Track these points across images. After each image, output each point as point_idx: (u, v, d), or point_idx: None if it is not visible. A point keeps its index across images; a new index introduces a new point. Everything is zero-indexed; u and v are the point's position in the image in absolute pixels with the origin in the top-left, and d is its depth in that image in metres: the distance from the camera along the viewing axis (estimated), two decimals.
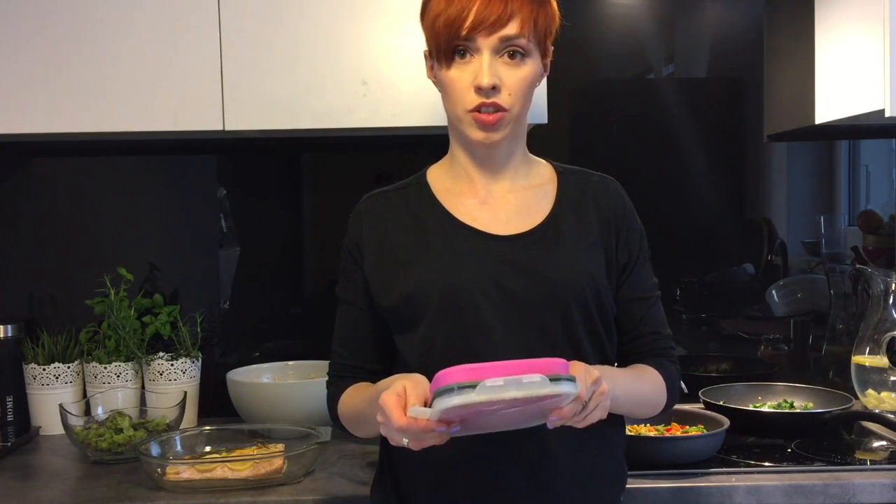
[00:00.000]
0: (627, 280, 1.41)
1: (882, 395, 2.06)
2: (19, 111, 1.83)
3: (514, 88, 1.30)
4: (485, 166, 1.39)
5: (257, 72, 1.84)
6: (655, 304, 1.44)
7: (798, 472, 1.71)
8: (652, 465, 1.70)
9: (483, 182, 1.40)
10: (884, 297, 2.10)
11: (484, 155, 1.38)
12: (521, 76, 1.31)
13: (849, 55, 1.99)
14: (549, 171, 1.44)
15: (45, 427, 2.08)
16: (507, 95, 1.30)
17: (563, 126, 2.31)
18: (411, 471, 1.38)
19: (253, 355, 2.28)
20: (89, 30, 1.83)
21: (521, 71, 1.30)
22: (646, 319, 1.42)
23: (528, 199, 1.39)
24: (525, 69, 1.31)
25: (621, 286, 1.40)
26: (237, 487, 1.66)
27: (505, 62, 1.30)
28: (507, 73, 1.29)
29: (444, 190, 1.42)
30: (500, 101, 1.30)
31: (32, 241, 2.28)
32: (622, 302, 1.41)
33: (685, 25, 2.39)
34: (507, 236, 1.36)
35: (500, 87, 1.29)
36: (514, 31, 1.28)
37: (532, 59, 1.32)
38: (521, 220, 1.37)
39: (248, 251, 2.37)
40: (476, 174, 1.40)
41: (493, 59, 1.29)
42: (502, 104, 1.30)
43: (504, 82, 1.29)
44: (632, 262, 1.41)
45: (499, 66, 1.29)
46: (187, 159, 2.33)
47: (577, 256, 1.36)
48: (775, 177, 2.43)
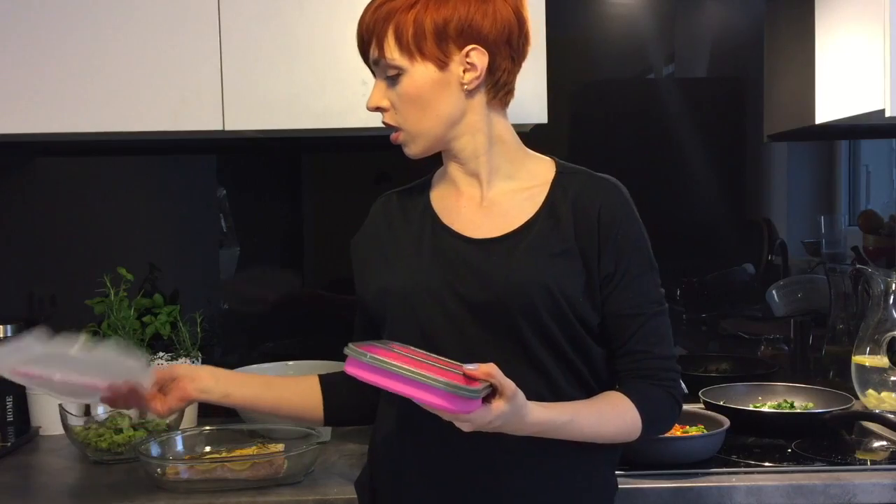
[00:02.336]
0: (615, 293, 1.31)
1: (882, 395, 2.06)
2: (19, 111, 1.83)
3: (398, 105, 1.33)
4: (463, 171, 1.39)
5: (257, 72, 1.84)
6: (652, 321, 1.33)
7: (798, 472, 1.71)
8: (652, 465, 1.70)
9: (467, 186, 1.39)
10: (884, 297, 2.10)
11: (453, 162, 1.39)
12: (401, 92, 1.31)
13: (849, 55, 1.99)
14: (549, 172, 1.39)
15: (45, 427, 2.08)
16: (393, 114, 1.34)
17: (563, 126, 2.30)
18: (378, 461, 1.40)
19: (253, 355, 2.28)
20: (89, 29, 1.83)
21: (400, 87, 1.31)
22: (637, 337, 1.32)
23: (518, 202, 1.36)
24: (403, 84, 1.31)
25: (607, 299, 1.31)
26: (237, 487, 1.66)
27: (388, 82, 1.33)
28: (391, 93, 1.33)
29: (439, 193, 1.42)
30: (388, 119, 1.35)
31: (32, 241, 2.28)
32: (609, 316, 1.32)
33: (685, 25, 2.39)
34: (479, 240, 1.34)
35: (385, 107, 1.34)
36: (375, 55, 1.32)
37: (411, 72, 1.30)
38: (499, 224, 1.35)
39: (248, 251, 2.37)
40: (460, 179, 1.40)
41: (382, 81, 1.34)
42: (391, 123, 1.35)
43: (392, 101, 1.33)
44: (620, 274, 1.31)
45: (385, 87, 1.33)
46: (187, 159, 2.33)
47: (537, 265, 1.29)
48: (775, 177, 2.43)
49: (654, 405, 1.32)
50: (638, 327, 1.32)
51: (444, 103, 1.31)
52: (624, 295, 1.32)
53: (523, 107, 1.84)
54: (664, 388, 1.33)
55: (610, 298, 1.32)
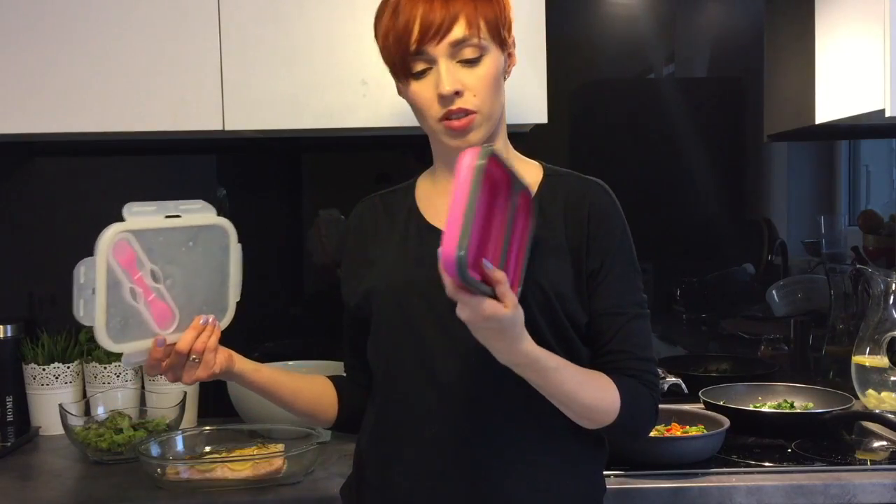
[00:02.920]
0: (599, 290, 1.31)
1: (882, 395, 2.06)
2: (19, 111, 1.83)
3: (478, 89, 1.28)
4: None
5: (257, 72, 1.84)
6: (634, 322, 1.32)
7: (798, 472, 1.71)
8: (652, 465, 1.70)
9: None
10: (884, 297, 2.10)
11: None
12: (482, 75, 1.28)
13: (849, 55, 1.99)
14: (537, 174, 1.38)
15: (45, 427, 2.08)
16: (471, 97, 1.28)
17: (563, 126, 2.30)
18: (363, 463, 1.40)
19: (253, 355, 2.27)
20: (89, 30, 1.83)
21: (480, 69, 1.28)
22: (619, 337, 1.31)
23: None
24: (484, 67, 1.28)
25: (593, 296, 1.31)
26: (237, 487, 1.66)
27: (463, 65, 1.28)
28: (467, 76, 1.28)
29: (426, 194, 1.42)
30: (466, 104, 1.28)
31: (32, 241, 2.28)
32: (594, 314, 1.32)
33: (685, 25, 2.39)
34: None
35: (462, 91, 1.28)
36: (462, 34, 1.26)
37: (490, 56, 1.29)
38: None
39: (248, 251, 2.36)
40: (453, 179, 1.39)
41: (450, 64, 1.27)
42: (469, 107, 1.28)
43: (466, 85, 1.28)
44: (604, 272, 1.31)
45: (458, 70, 1.27)
46: (187, 159, 2.33)
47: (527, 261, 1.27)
48: (775, 177, 2.43)
49: (635, 396, 1.30)
50: (620, 327, 1.31)
51: (503, 90, 1.34)
52: (607, 292, 1.31)
53: (523, 107, 1.85)
54: (646, 386, 1.32)
55: (594, 295, 1.31)
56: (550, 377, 1.21)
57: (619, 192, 1.38)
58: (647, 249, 2.32)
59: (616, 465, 1.68)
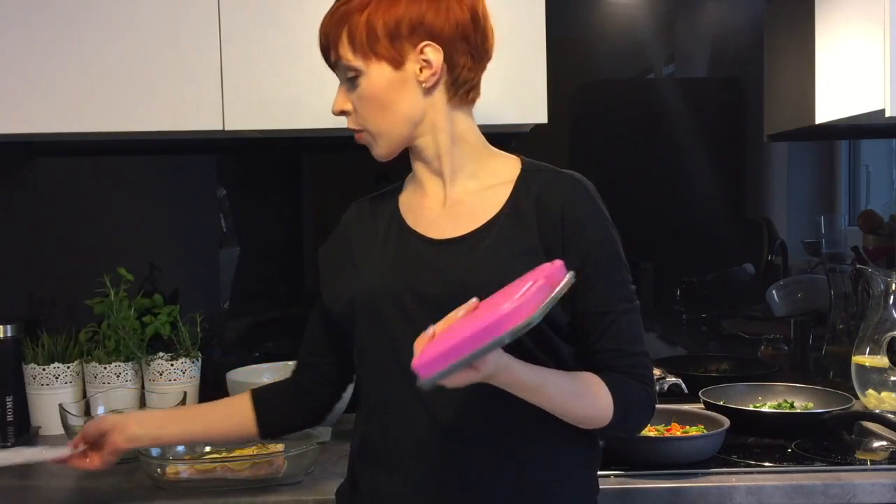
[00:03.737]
0: (583, 291, 1.26)
1: (882, 395, 2.06)
2: (19, 111, 1.84)
3: (359, 108, 1.34)
4: (428, 171, 1.39)
5: (257, 72, 1.84)
6: (623, 318, 1.30)
7: (798, 472, 1.71)
8: (652, 465, 1.70)
9: (433, 186, 1.39)
10: (884, 297, 2.10)
11: (418, 162, 1.39)
12: (360, 94, 1.33)
13: (849, 55, 1.99)
14: (513, 170, 1.36)
15: (45, 427, 2.08)
16: (355, 117, 1.35)
17: (563, 126, 2.30)
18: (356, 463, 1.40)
19: (253, 355, 2.28)
20: (89, 29, 1.83)
21: (359, 89, 1.32)
22: (608, 335, 1.29)
23: (482, 201, 1.35)
24: (362, 86, 1.32)
25: (575, 297, 1.25)
26: (237, 487, 1.66)
27: (348, 85, 1.34)
28: (352, 96, 1.34)
29: (407, 196, 1.42)
30: (350, 123, 1.37)
31: (32, 241, 2.28)
32: (578, 315, 1.29)
33: (685, 25, 2.39)
34: (441, 241, 1.33)
35: (348, 111, 1.35)
36: (334, 59, 1.34)
37: (368, 74, 1.31)
38: (462, 224, 1.33)
39: (248, 251, 2.37)
40: (426, 179, 1.39)
41: (343, 84, 1.35)
42: (353, 126, 1.37)
43: (354, 105, 1.34)
44: (587, 271, 1.27)
45: (347, 90, 1.35)
46: (187, 159, 2.33)
47: (500, 264, 1.26)
48: (775, 177, 2.43)
49: (627, 394, 1.28)
50: (608, 325, 1.29)
51: (402, 103, 1.32)
52: (591, 293, 1.28)
53: (523, 107, 1.85)
54: (639, 381, 1.30)
55: (577, 297, 1.27)
56: (536, 396, 1.21)
57: (619, 192, 1.38)
58: (647, 249, 2.35)
59: (615, 465, 1.68)
